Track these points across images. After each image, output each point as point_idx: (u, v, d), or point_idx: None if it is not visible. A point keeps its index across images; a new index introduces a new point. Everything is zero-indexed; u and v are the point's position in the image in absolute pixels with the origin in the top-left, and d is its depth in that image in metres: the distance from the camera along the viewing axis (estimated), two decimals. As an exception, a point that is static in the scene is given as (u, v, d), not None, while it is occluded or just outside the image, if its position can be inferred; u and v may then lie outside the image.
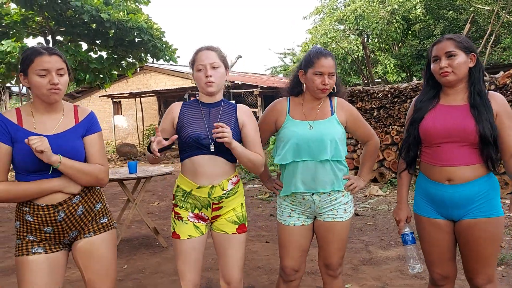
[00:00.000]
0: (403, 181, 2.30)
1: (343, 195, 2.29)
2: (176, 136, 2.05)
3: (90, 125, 2.02)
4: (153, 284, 3.53)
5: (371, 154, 2.44)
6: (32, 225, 1.91)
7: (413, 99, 2.28)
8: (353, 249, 4.30)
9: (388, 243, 4.48)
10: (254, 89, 15.72)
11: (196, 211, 2.16)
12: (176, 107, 2.23)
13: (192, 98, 14.41)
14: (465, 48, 2.03)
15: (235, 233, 2.21)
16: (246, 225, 2.27)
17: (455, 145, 2.03)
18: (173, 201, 2.22)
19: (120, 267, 3.90)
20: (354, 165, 7.96)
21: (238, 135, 2.20)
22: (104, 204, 2.09)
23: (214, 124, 2.01)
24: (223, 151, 2.11)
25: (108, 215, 2.09)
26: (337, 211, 2.28)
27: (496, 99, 2.05)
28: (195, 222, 2.15)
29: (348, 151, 8.16)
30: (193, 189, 2.13)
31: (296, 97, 2.35)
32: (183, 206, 2.16)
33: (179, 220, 2.17)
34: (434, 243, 2.15)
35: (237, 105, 2.27)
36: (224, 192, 2.15)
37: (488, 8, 14.21)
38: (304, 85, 2.29)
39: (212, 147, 2.10)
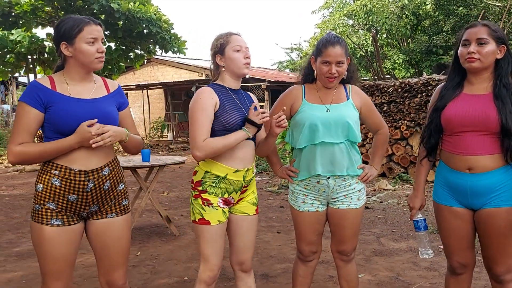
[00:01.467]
0: (422, 169, 2.30)
1: (356, 182, 2.32)
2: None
3: (122, 99, 2.12)
4: (167, 270, 3.56)
5: (382, 142, 2.48)
6: (57, 191, 1.91)
7: (438, 86, 2.26)
8: (365, 240, 4.30)
9: (399, 235, 4.49)
10: (261, 83, 15.72)
11: (226, 196, 2.17)
12: (212, 92, 2.14)
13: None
14: (497, 38, 2.01)
15: (254, 214, 2.29)
16: None
17: (476, 134, 2.02)
18: (199, 188, 2.17)
19: (133, 254, 3.93)
20: (362, 160, 7.95)
21: None
22: (125, 185, 2.13)
23: (254, 108, 2.12)
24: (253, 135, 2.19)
25: (127, 198, 2.13)
26: (351, 198, 2.30)
27: None
28: (224, 208, 2.17)
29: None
30: (228, 173, 2.13)
31: (311, 83, 2.37)
32: (213, 191, 2.14)
33: (208, 207, 2.14)
34: (454, 231, 2.15)
35: (249, 93, 2.34)
36: (254, 174, 2.25)
37: (499, 4, 14.09)
38: (315, 72, 2.32)
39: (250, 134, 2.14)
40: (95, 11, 10.07)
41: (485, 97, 2.04)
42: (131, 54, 12.20)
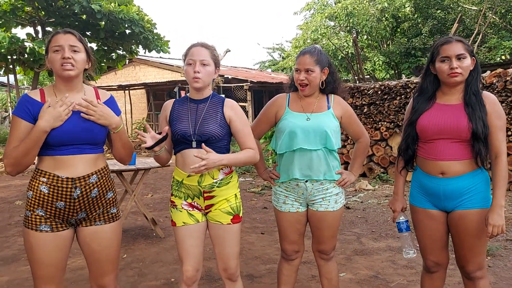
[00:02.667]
0: (401, 177, 2.43)
1: (334, 186, 2.44)
2: (167, 127, 2.19)
3: (114, 108, 2.14)
4: (154, 272, 3.62)
5: (362, 151, 2.60)
6: (45, 197, 1.97)
7: (412, 98, 2.38)
8: (346, 240, 4.44)
9: (379, 234, 4.64)
10: (244, 84, 15.78)
11: (189, 200, 2.25)
12: (168, 105, 2.34)
13: (182, 92, 14.25)
14: (470, 52, 2.15)
15: (229, 224, 2.26)
16: (241, 215, 2.33)
17: (448, 141, 2.16)
18: (171, 191, 2.33)
19: (120, 256, 3.97)
20: (344, 160, 8.11)
21: (226, 129, 2.26)
22: (115, 194, 2.18)
23: (195, 155, 2.09)
24: (210, 144, 2.18)
25: (116, 206, 2.18)
26: (329, 201, 2.43)
27: (489, 100, 2.16)
28: (189, 210, 2.25)
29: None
30: (184, 178, 2.22)
31: (295, 92, 2.51)
32: (177, 195, 2.27)
33: (174, 208, 2.28)
34: (428, 232, 2.28)
35: (224, 99, 2.32)
36: (215, 180, 2.21)
37: (475, 8, 14.49)
38: None
39: (194, 144, 2.19)
40: (76, 11, 9.97)
41: (457, 106, 2.18)
42: (113, 54, 12.10)
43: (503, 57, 12.62)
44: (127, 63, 15.67)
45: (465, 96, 2.17)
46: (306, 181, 2.40)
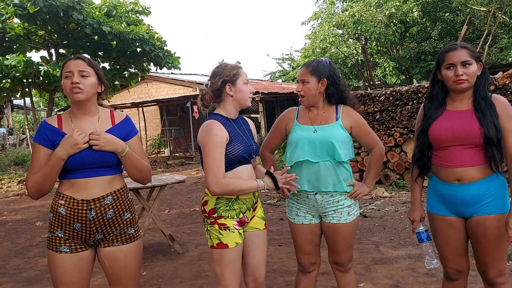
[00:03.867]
0: (417, 185, 2.41)
1: (345, 198, 2.43)
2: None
3: (128, 129, 2.19)
4: (174, 288, 3.65)
5: (376, 161, 2.57)
6: (64, 219, 2.04)
7: (422, 106, 2.38)
8: (364, 249, 4.41)
9: (397, 242, 4.60)
10: (255, 95, 15.85)
11: (241, 216, 2.28)
12: (223, 128, 2.24)
13: (195, 106, 14.25)
14: (476, 57, 2.15)
15: (264, 228, 2.41)
16: None
17: (462, 148, 2.15)
18: (214, 215, 2.25)
19: (139, 273, 4.02)
20: (358, 167, 8.08)
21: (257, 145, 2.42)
22: (133, 214, 2.20)
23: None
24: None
25: (135, 226, 2.20)
26: (341, 214, 2.42)
27: (499, 102, 2.16)
28: (239, 230, 2.27)
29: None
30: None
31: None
32: (228, 215, 2.24)
33: (225, 230, 2.23)
34: (447, 239, 2.26)
35: (244, 118, 2.48)
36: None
37: (484, 9, 14.39)
38: None
39: (255, 159, 2.36)
40: (87, 33, 10.20)
41: (467, 112, 2.17)
42: (126, 73, 12.31)
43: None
44: (139, 80, 15.91)
45: (474, 101, 2.17)
46: (316, 194, 2.41)
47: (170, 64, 11.73)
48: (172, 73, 16.39)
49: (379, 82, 16.09)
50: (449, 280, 2.34)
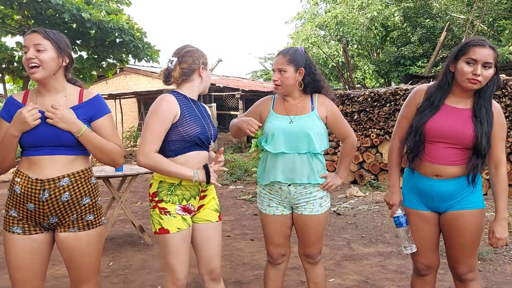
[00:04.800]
0: (396, 170, 2.35)
1: (318, 190, 2.41)
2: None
3: (97, 108, 2.03)
4: (140, 279, 3.56)
5: (349, 152, 2.54)
6: (18, 198, 1.93)
7: (428, 86, 2.22)
8: (336, 246, 4.41)
9: (369, 240, 4.61)
10: (235, 92, 15.80)
11: (184, 203, 2.17)
12: (175, 104, 2.13)
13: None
14: (496, 62, 2.04)
15: (218, 221, 2.29)
16: None
17: (448, 145, 2.11)
18: (156, 199, 2.17)
19: (105, 264, 3.91)
20: (334, 167, 8.10)
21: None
22: (94, 200, 2.05)
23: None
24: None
25: (95, 213, 2.05)
26: (313, 205, 2.39)
27: (495, 110, 2.10)
28: (183, 215, 2.17)
29: (329, 153, 8.32)
30: (183, 179, 2.15)
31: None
32: (170, 199, 2.15)
33: (166, 215, 2.14)
34: (420, 234, 2.24)
35: (203, 104, 2.39)
36: None
37: (463, 17, 14.70)
38: None
39: (213, 145, 2.24)
40: (66, 20, 9.95)
41: (465, 112, 2.10)
42: (104, 63, 12.07)
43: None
44: (118, 72, 15.67)
45: (475, 106, 2.09)
46: (289, 185, 2.37)
47: (149, 56, 11.54)
48: (152, 66, 16.18)
49: (359, 84, 16.25)
50: (418, 275, 2.33)
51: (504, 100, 6.28)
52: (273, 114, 2.43)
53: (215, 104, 15.39)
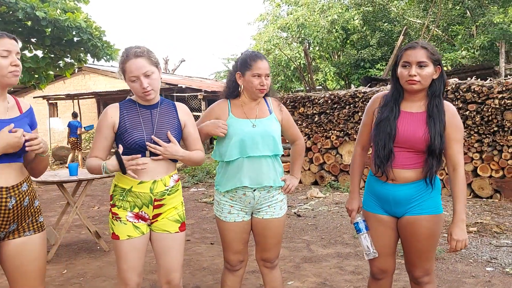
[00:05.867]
0: (356, 176, 2.39)
1: (279, 193, 2.44)
2: (121, 147, 2.10)
3: (33, 119, 2.07)
4: (95, 287, 3.45)
5: (300, 152, 2.62)
6: None
7: (382, 94, 2.27)
8: (295, 248, 4.44)
9: (328, 241, 4.68)
10: (198, 93, 15.68)
11: (136, 210, 2.12)
12: (115, 112, 2.15)
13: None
14: (435, 60, 2.08)
15: (177, 232, 2.22)
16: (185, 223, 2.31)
17: (402, 150, 2.14)
18: (111, 202, 2.17)
19: (59, 272, 3.78)
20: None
21: (181, 134, 2.25)
22: (39, 202, 2.11)
23: (153, 138, 2.11)
24: None
25: (42, 214, 2.10)
26: (274, 208, 2.41)
27: (449, 111, 2.12)
28: (135, 222, 2.13)
29: (284, 155, 8.38)
30: (133, 185, 2.10)
31: (235, 99, 2.46)
32: (122, 205, 2.12)
33: (117, 221, 2.12)
34: (378, 237, 2.26)
35: (175, 103, 2.31)
36: (166, 188, 2.16)
37: (420, 21, 15.21)
38: (241, 87, 2.41)
39: (148, 154, 2.12)
40: (20, 17, 9.56)
41: (419, 116, 2.13)
42: (61, 62, 11.67)
43: (445, 68, 13.25)
44: (76, 71, 15.19)
45: (429, 106, 2.12)
46: (254, 190, 2.35)
47: (108, 56, 11.25)
48: (112, 66, 15.80)
49: (320, 86, 16.49)
50: (374, 279, 2.35)
51: (457, 103, 6.53)
52: (233, 118, 2.39)
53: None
